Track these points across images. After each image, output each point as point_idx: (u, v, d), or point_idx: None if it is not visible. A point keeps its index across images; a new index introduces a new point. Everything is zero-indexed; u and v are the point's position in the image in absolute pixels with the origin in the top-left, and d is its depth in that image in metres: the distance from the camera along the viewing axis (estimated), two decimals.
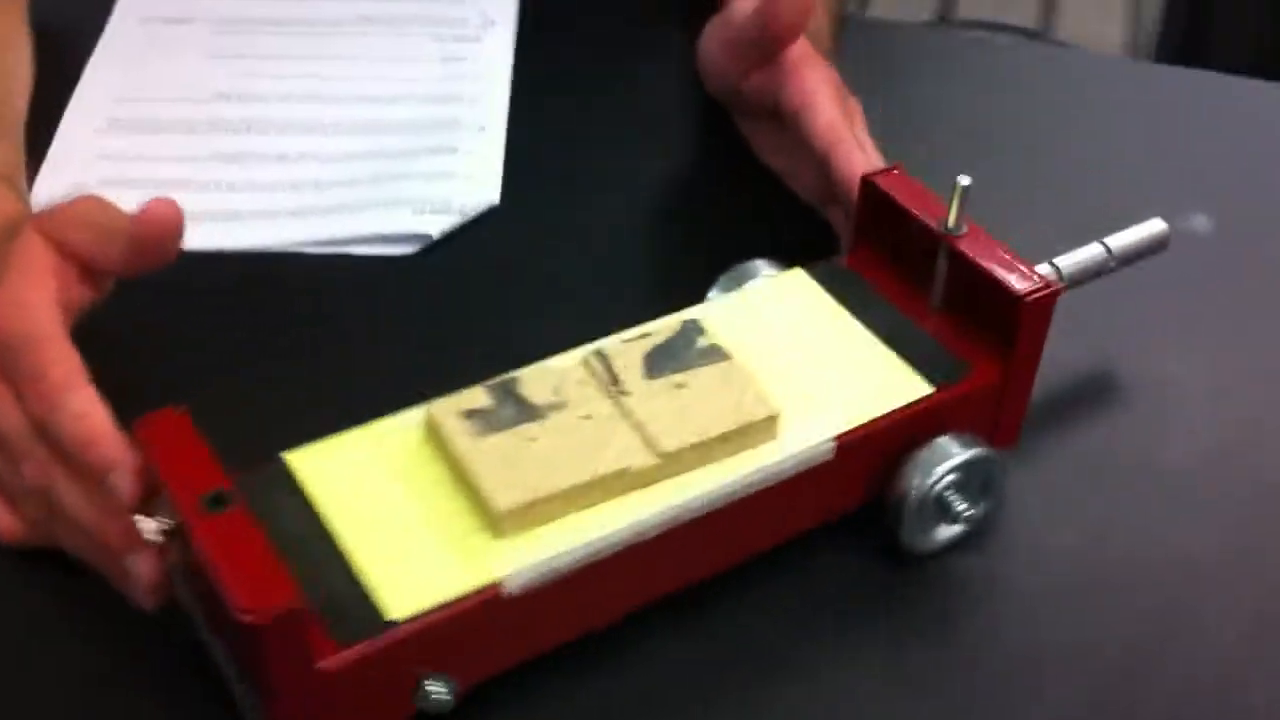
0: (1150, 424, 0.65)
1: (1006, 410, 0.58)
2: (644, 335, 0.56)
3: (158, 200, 0.56)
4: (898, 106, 0.81)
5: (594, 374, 0.55)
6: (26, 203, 0.65)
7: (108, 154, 0.76)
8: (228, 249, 0.70)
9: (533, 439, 0.52)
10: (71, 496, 0.52)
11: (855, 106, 0.69)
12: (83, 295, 0.58)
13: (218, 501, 0.47)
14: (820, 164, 0.66)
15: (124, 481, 0.50)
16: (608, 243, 0.73)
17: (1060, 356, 0.66)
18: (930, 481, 0.55)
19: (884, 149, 0.66)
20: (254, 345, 0.66)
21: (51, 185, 0.73)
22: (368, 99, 0.80)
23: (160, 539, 0.48)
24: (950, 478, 0.56)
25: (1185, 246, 0.72)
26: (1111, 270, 0.64)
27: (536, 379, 0.54)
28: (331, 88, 0.81)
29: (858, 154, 0.64)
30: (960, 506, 0.56)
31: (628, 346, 0.56)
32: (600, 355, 0.55)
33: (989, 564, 0.59)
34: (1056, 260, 0.62)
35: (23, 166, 0.70)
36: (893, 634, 0.56)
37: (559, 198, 0.76)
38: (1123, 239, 0.64)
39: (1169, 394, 0.66)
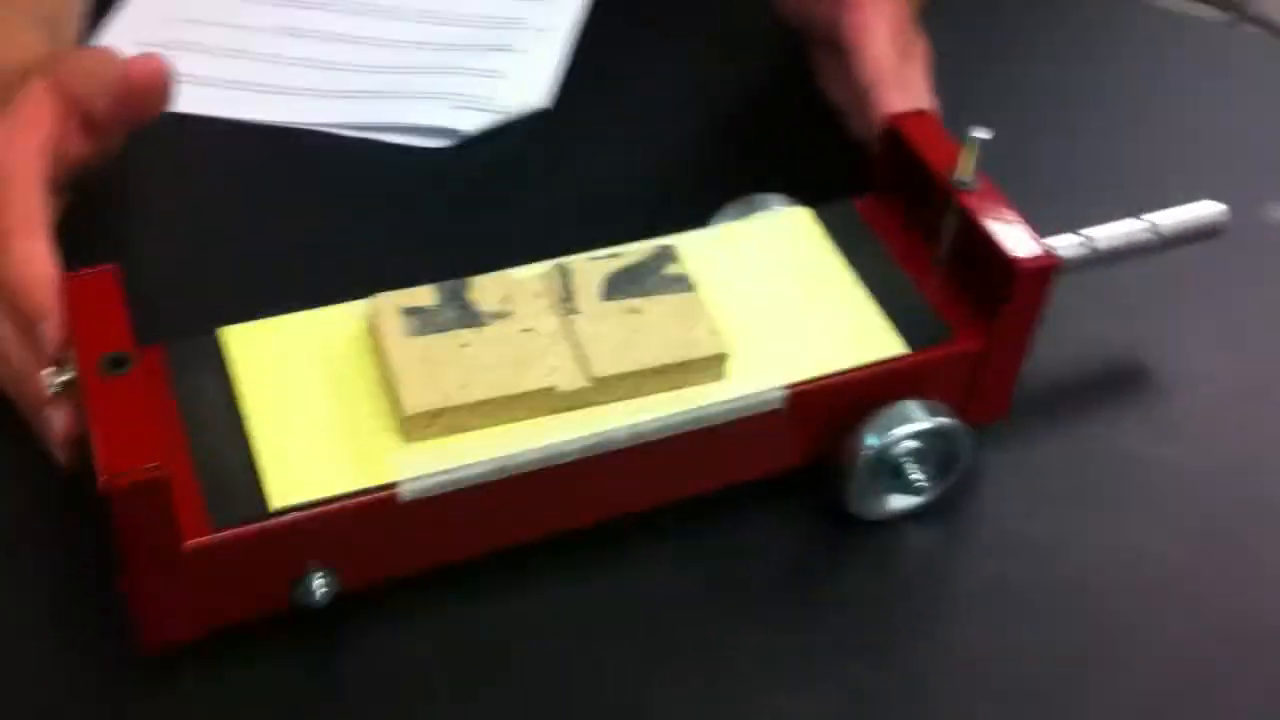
0: (1161, 421, 0.60)
1: (989, 385, 0.54)
2: (613, 255, 0.54)
3: (146, 56, 0.56)
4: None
5: (551, 288, 0.52)
6: (63, 48, 0.65)
7: (175, 16, 0.76)
8: (263, 121, 0.70)
9: (465, 345, 0.50)
10: (7, 342, 0.52)
11: (919, 48, 0.65)
12: (81, 148, 0.58)
13: (117, 364, 0.46)
14: (862, 102, 0.62)
15: (50, 333, 0.49)
16: (648, 160, 0.70)
17: (1089, 336, 0.62)
18: (885, 443, 0.52)
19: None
20: (263, 220, 0.66)
21: (116, 42, 0.73)
22: None
23: (56, 392, 0.48)
24: (908, 443, 0.52)
25: (1261, 237, 0.67)
26: (1155, 250, 0.58)
27: (489, 285, 0.52)
28: None
29: (896, 94, 0.60)
30: (915, 476, 0.52)
31: (593, 265, 0.53)
32: (562, 270, 0.53)
33: (952, 540, 0.55)
34: (1088, 230, 0.57)
35: (72, 14, 0.70)
36: (836, 601, 0.53)
37: (612, 109, 0.73)
38: (1169, 217, 0.58)
39: (1192, 392, 0.61)
